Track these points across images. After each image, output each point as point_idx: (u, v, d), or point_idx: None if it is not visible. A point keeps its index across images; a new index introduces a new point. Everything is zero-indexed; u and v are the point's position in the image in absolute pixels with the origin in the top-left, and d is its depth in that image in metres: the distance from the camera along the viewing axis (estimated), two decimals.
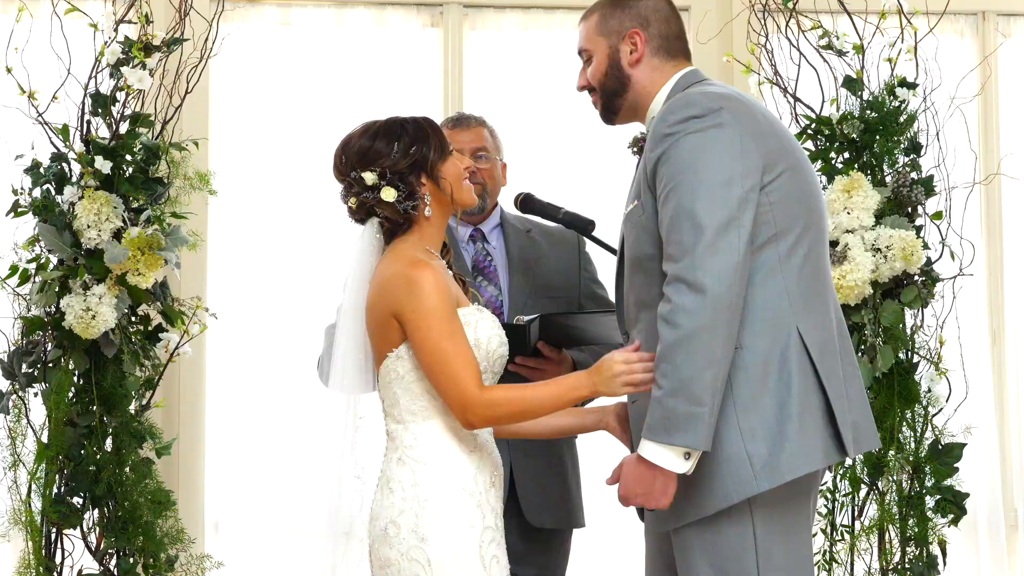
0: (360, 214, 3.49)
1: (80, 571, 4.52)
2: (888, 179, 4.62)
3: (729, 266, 3.13)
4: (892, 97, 4.65)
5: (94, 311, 4.36)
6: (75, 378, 4.51)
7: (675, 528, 3.33)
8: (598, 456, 4.68)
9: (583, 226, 4.18)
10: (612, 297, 3.75)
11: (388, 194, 3.42)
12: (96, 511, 4.54)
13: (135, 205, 4.53)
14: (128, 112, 4.56)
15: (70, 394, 4.49)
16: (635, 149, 3.48)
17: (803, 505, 3.38)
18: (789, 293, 3.27)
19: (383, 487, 3.41)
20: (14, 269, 4.52)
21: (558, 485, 4.27)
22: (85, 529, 4.55)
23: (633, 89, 3.51)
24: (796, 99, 4.74)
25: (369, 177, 3.42)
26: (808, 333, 3.28)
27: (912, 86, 4.67)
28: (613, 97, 3.53)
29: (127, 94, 4.54)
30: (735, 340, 3.18)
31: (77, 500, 4.52)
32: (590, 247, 4.37)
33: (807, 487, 3.36)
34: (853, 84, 4.68)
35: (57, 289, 4.45)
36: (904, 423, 4.56)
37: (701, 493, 3.25)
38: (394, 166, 3.42)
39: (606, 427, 3.61)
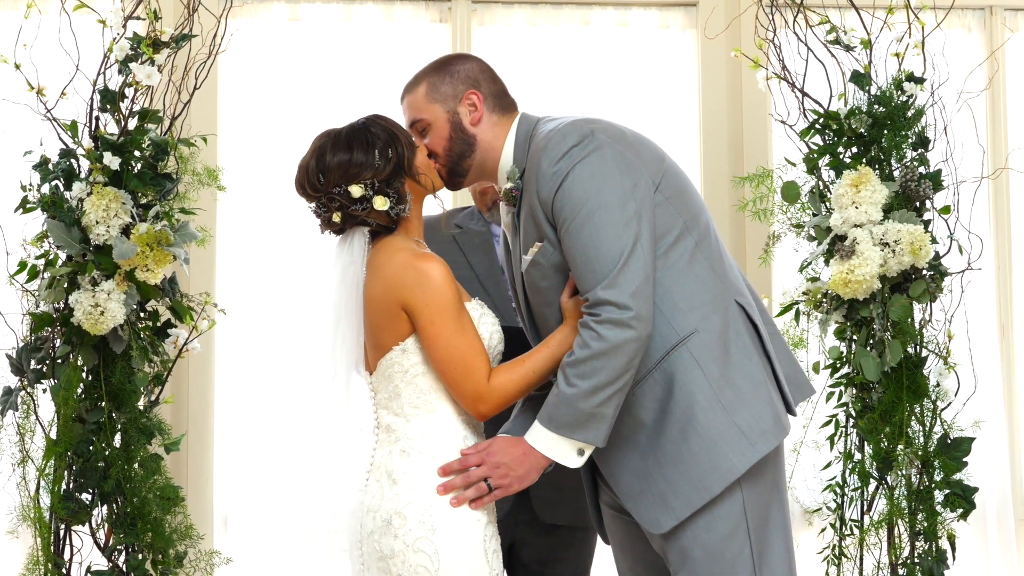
0: (343, 225, 3.50)
1: (89, 567, 4.53)
2: (896, 174, 4.62)
3: (644, 280, 3.33)
4: (900, 92, 4.65)
5: (103, 307, 4.37)
6: (84, 374, 4.52)
7: (671, 529, 3.39)
8: None
9: None
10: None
11: (381, 203, 3.45)
12: (105, 507, 4.55)
13: (144, 201, 4.54)
14: (137, 108, 4.57)
15: (79, 390, 4.49)
16: (508, 200, 3.56)
17: (780, 475, 3.53)
18: (715, 272, 3.48)
19: (381, 478, 3.42)
20: (23, 265, 4.53)
21: (570, 481, 4.26)
22: (94, 525, 4.55)
23: (480, 148, 3.62)
24: (804, 94, 4.74)
25: (356, 190, 3.44)
26: (743, 302, 3.49)
27: (920, 81, 4.67)
28: (460, 160, 3.63)
29: (136, 90, 4.55)
30: (678, 336, 3.41)
31: (86, 496, 4.53)
32: None
33: (779, 456, 3.53)
34: (861, 79, 4.68)
35: (66, 285, 4.46)
36: (913, 417, 4.56)
37: (705, 475, 3.35)
38: (379, 174, 3.44)
39: None
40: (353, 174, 3.44)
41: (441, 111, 3.60)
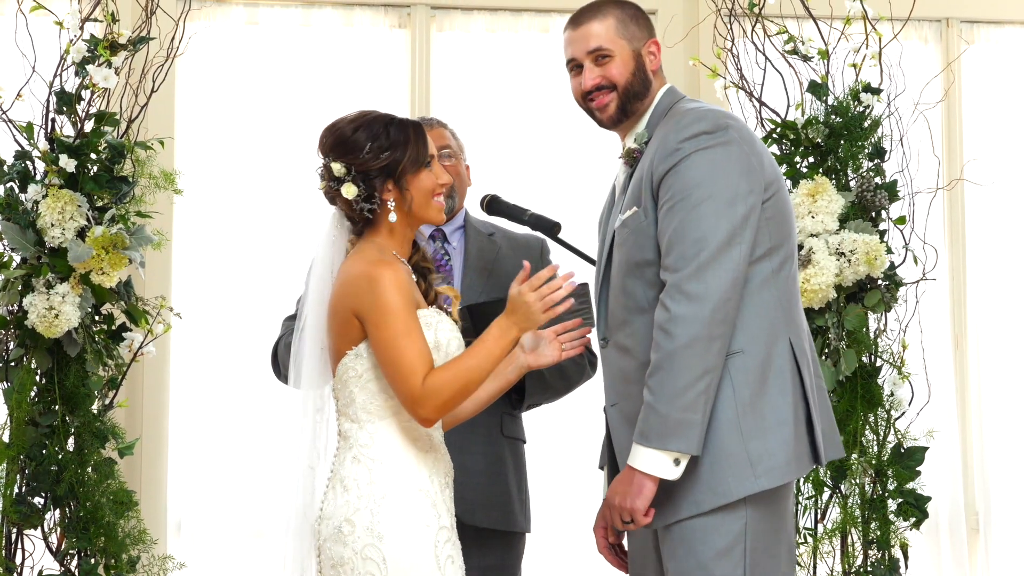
0: (327, 197, 3.51)
1: (41, 572, 4.50)
2: (852, 184, 4.64)
3: (728, 281, 3.26)
4: (856, 102, 4.68)
5: (57, 310, 4.34)
6: (37, 377, 4.49)
7: (667, 525, 3.36)
8: (549, 463, 4.70)
9: (549, 228, 4.17)
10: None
11: (348, 191, 3.43)
12: (57, 511, 4.52)
13: (99, 204, 4.52)
14: (93, 110, 4.54)
15: (32, 393, 4.47)
16: (627, 159, 3.54)
17: (788, 506, 3.47)
18: (781, 304, 3.40)
19: (335, 486, 3.41)
20: None
21: (495, 483, 4.21)
22: (46, 529, 4.52)
23: (650, 96, 3.62)
24: (761, 103, 4.76)
25: (337, 168, 3.43)
26: (796, 344, 3.40)
27: (876, 91, 4.69)
28: (634, 99, 3.62)
29: (92, 92, 4.53)
30: (727, 350, 3.30)
31: (38, 500, 4.50)
32: (554, 255, 4.37)
33: (790, 490, 3.47)
34: (818, 89, 4.70)
35: (20, 288, 4.43)
36: (867, 426, 4.58)
37: (701, 489, 3.32)
38: (362, 165, 3.42)
39: (526, 366, 3.61)
40: (343, 151, 3.43)
41: (627, 48, 3.59)
